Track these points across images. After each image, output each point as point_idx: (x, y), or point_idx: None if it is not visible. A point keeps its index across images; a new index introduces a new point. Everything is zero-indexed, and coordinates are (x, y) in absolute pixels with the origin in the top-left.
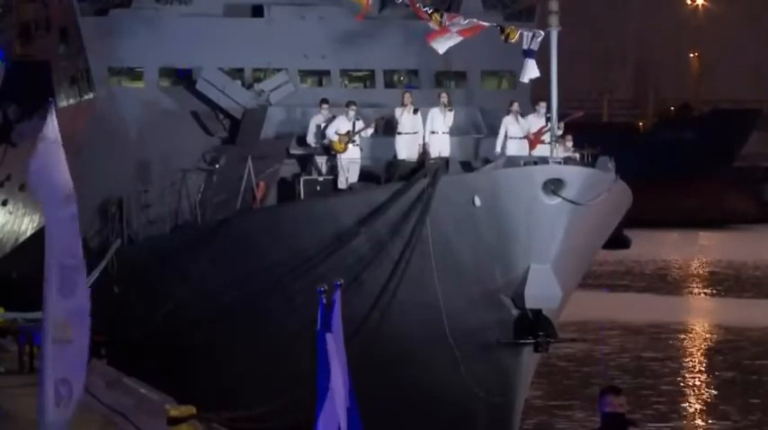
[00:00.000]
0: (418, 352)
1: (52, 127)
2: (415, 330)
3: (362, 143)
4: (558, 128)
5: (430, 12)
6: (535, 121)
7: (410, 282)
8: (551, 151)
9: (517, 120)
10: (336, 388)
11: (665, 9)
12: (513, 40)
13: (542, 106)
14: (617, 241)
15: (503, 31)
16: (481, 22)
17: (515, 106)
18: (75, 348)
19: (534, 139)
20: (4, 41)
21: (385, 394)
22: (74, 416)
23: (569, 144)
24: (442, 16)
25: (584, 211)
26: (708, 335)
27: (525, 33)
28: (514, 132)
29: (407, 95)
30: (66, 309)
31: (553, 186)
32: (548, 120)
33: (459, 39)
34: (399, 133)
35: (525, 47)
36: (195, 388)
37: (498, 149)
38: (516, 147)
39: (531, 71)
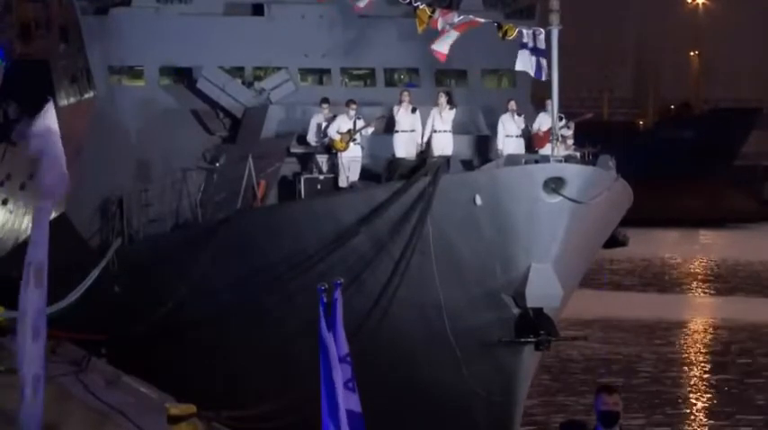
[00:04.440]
0: (419, 351)
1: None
2: (416, 329)
3: (363, 142)
4: (569, 127)
5: (420, 7)
6: (545, 120)
7: (411, 281)
8: (552, 149)
9: (513, 118)
10: (338, 387)
11: (666, 8)
12: (510, 38)
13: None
14: (615, 240)
15: (500, 27)
16: (476, 18)
17: (512, 104)
18: (41, 345)
19: (543, 137)
20: (5, 41)
21: (385, 393)
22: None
23: (570, 142)
24: (434, 12)
25: (585, 210)
26: (708, 333)
27: (525, 31)
28: (511, 130)
29: (405, 94)
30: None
31: (554, 185)
32: (559, 119)
33: (456, 34)
34: (397, 131)
35: (525, 40)
36: (195, 386)
37: (500, 147)
38: (513, 146)
39: (522, 63)
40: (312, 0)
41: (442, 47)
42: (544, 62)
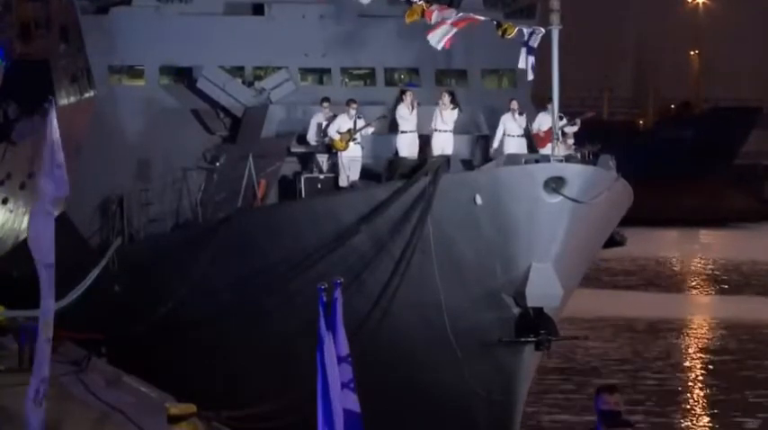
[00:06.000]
0: (419, 351)
1: (52, 129)
2: (417, 329)
3: (363, 141)
4: (574, 124)
5: (418, 3)
6: (546, 119)
7: (411, 280)
8: (552, 149)
9: (515, 118)
10: (336, 387)
11: (666, 8)
12: (509, 36)
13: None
14: (612, 240)
15: (499, 26)
16: (475, 16)
17: (514, 104)
18: (48, 348)
19: (545, 137)
20: (5, 41)
21: (385, 393)
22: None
23: (570, 142)
24: (430, 5)
25: (586, 210)
26: (709, 333)
27: (525, 30)
28: (512, 130)
29: (409, 94)
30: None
31: (554, 184)
32: (560, 118)
33: (453, 30)
34: (404, 131)
35: (525, 39)
36: (195, 386)
37: (495, 146)
38: (515, 145)
39: (522, 61)
40: (312, 0)
41: (435, 40)
42: (533, 60)
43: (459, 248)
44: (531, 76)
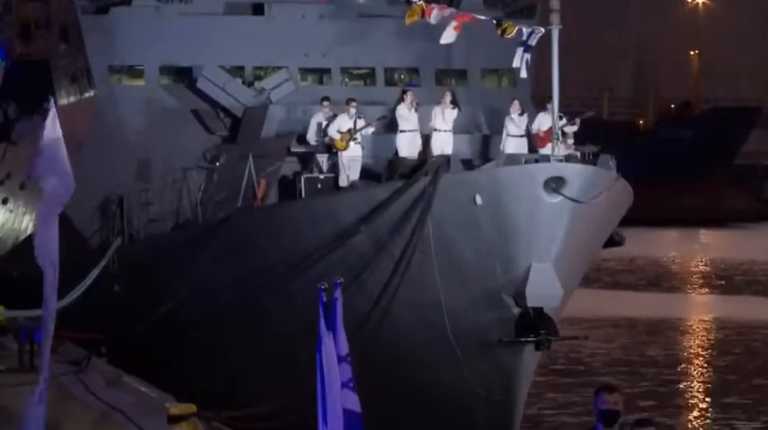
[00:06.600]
0: (419, 351)
1: (54, 127)
2: (417, 329)
3: (364, 141)
4: (574, 123)
5: (418, 2)
6: (545, 119)
7: (411, 280)
8: (552, 149)
9: (514, 118)
10: (335, 386)
11: (666, 8)
12: (509, 35)
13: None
14: (611, 240)
15: (499, 25)
16: (476, 15)
17: (515, 105)
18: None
19: (545, 137)
20: (5, 41)
21: (385, 393)
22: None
23: (570, 142)
24: (430, 5)
25: (586, 210)
26: (708, 333)
27: (525, 29)
28: (513, 130)
29: (410, 93)
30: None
31: (554, 184)
32: (560, 118)
33: (454, 23)
34: (403, 131)
35: (523, 38)
36: (195, 386)
37: (501, 148)
38: (514, 145)
39: (516, 59)
40: (312, 0)
41: (447, 38)
42: (528, 58)
43: (459, 248)
44: (524, 74)
